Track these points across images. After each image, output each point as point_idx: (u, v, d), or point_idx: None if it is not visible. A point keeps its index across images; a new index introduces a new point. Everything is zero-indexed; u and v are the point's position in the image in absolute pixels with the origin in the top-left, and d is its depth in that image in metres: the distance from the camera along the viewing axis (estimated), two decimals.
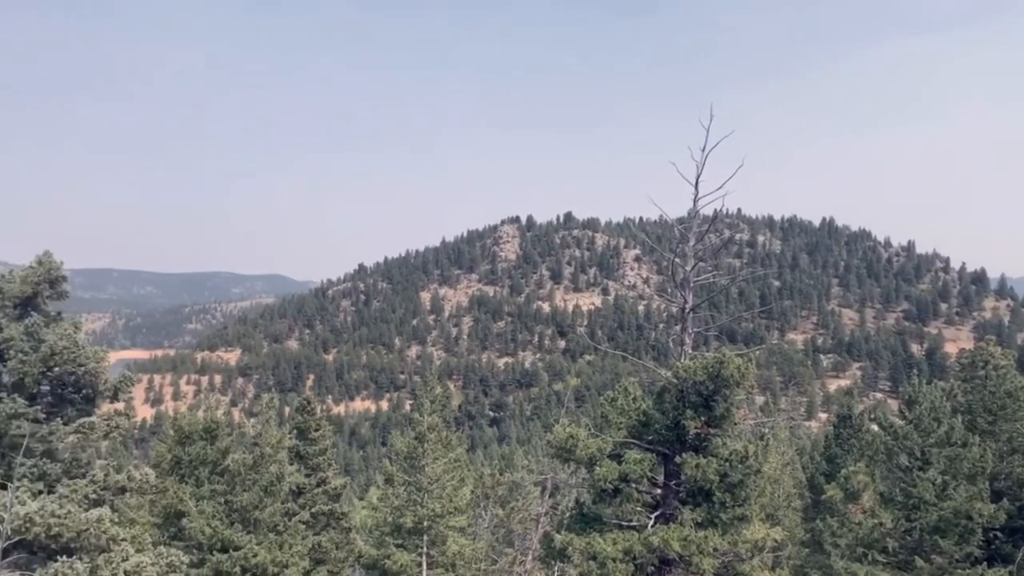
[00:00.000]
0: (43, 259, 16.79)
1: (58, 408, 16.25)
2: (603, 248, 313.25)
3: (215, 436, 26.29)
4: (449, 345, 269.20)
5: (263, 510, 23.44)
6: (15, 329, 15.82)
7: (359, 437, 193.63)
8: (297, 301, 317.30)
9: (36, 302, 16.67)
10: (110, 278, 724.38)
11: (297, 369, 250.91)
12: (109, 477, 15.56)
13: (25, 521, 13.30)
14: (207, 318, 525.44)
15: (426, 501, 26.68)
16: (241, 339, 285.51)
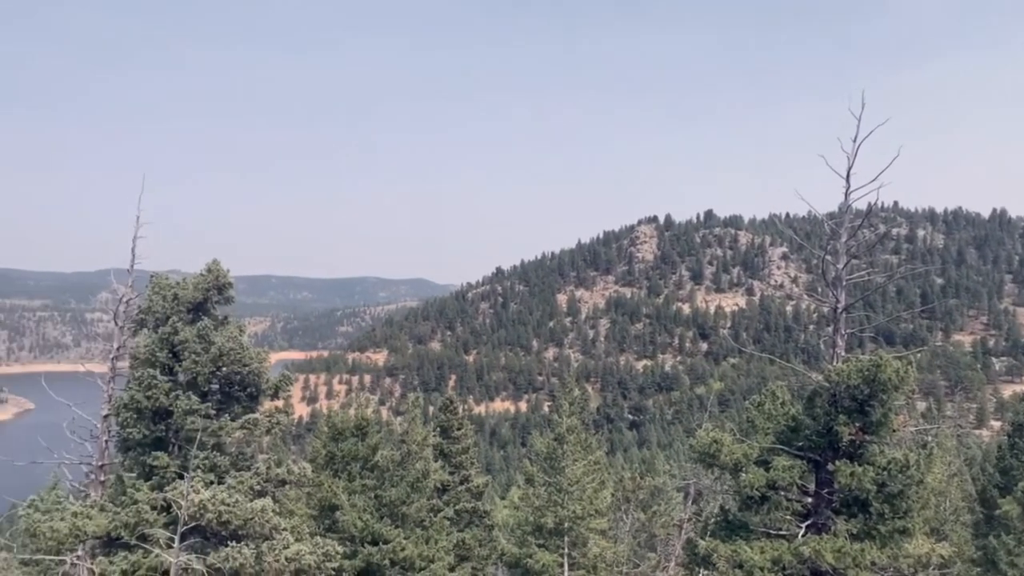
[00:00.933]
0: (212, 267, 18.23)
1: (226, 405, 17.59)
2: (747, 246, 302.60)
3: (365, 433, 27.54)
4: (586, 347, 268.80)
5: (410, 505, 24.33)
6: (189, 332, 17.27)
7: (499, 437, 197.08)
8: (439, 304, 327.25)
9: (206, 307, 18.12)
10: (270, 284, 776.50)
11: (440, 370, 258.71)
12: (271, 470, 16.67)
13: (199, 508, 14.48)
14: (357, 321, 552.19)
15: (566, 502, 26.77)
16: (388, 341, 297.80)
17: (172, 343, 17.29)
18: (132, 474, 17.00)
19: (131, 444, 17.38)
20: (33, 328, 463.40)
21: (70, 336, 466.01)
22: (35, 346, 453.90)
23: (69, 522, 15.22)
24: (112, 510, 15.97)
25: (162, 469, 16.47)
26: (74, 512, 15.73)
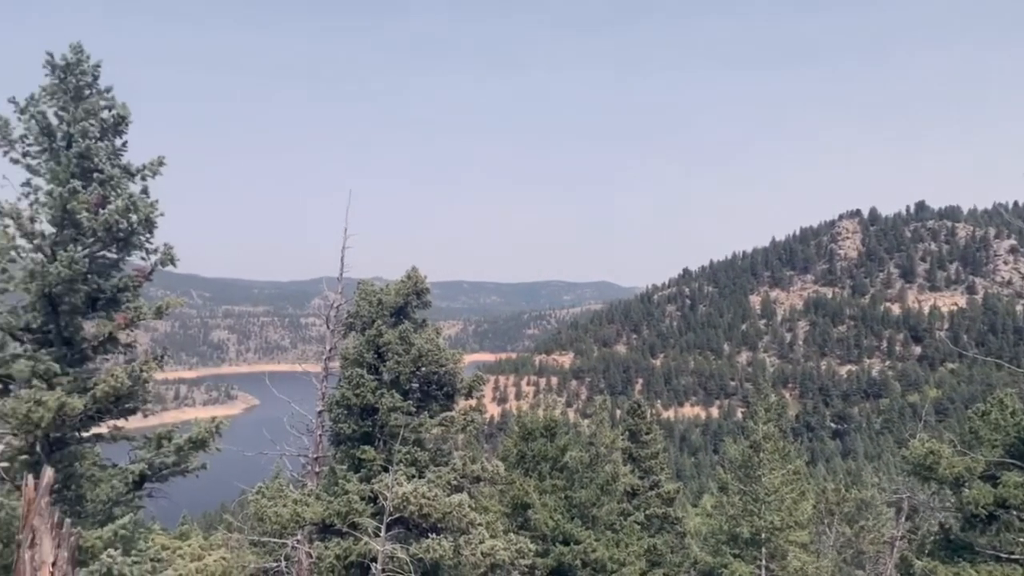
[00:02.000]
0: (411, 274, 19.29)
1: (425, 403, 18.51)
2: (966, 240, 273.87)
3: (554, 434, 27.91)
4: (783, 351, 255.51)
5: (600, 508, 24.32)
6: (392, 334, 18.37)
7: (689, 443, 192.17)
8: (624, 307, 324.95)
9: (406, 311, 19.19)
10: (461, 289, 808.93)
11: (626, 373, 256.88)
12: (466, 467, 17.31)
13: (402, 500, 15.34)
14: (543, 324, 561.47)
15: (763, 512, 25.57)
16: (573, 343, 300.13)
17: (377, 345, 18.47)
18: (343, 466, 18.33)
19: (342, 438, 18.76)
20: (257, 332, 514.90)
21: (288, 339, 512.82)
22: (259, 348, 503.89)
23: (290, 508, 16.67)
24: (326, 499, 17.30)
25: (369, 462, 17.62)
26: (294, 500, 17.21)
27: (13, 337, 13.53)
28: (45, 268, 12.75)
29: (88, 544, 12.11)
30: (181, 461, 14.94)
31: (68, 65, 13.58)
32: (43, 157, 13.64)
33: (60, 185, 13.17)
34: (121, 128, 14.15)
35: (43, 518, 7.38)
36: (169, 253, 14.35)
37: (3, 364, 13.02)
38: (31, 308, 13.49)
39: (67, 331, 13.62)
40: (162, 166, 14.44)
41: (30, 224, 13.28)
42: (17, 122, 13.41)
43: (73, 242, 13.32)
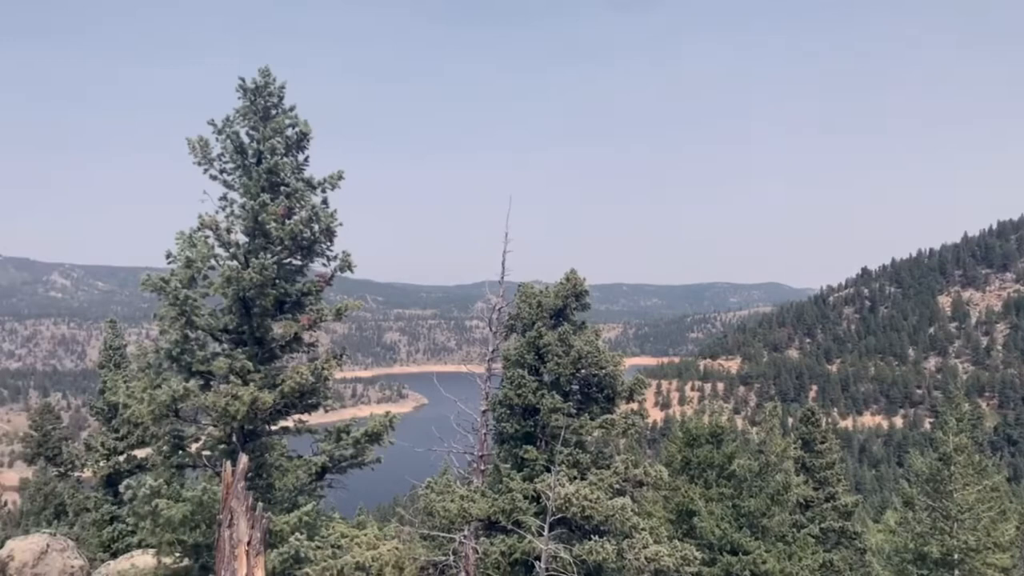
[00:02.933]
0: (570, 276, 19.40)
1: (585, 405, 18.54)
2: None
3: (720, 441, 27.04)
4: (978, 357, 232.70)
5: (770, 518, 23.29)
6: (551, 336, 18.55)
7: (870, 454, 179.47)
8: (796, 309, 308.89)
9: (566, 313, 19.32)
10: (620, 292, 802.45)
11: (799, 379, 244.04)
12: (628, 470, 17.15)
13: (564, 501, 15.44)
14: (707, 327, 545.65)
15: (956, 531, 23.43)
16: (740, 348, 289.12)
17: (538, 346, 18.73)
18: (507, 465, 18.73)
19: (505, 437, 19.18)
20: (425, 334, 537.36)
21: (454, 341, 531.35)
22: (427, 349, 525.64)
23: (457, 504, 17.25)
24: (491, 496, 17.74)
25: (532, 462, 17.88)
26: (461, 496, 17.78)
27: (213, 337, 14.96)
28: (240, 274, 13.98)
29: (277, 528, 13.15)
30: (358, 454, 15.87)
31: (257, 88, 14.85)
32: (237, 173, 14.98)
33: (252, 198, 14.42)
34: (303, 144, 15.28)
35: (240, 501, 8.10)
36: (347, 260, 15.28)
37: (205, 362, 14.42)
38: (228, 311, 14.85)
39: (258, 332, 14.86)
40: (340, 179, 15.43)
41: (227, 234, 14.63)
42: (215, 142, 14.83)
43: (263, 250, 14.53)
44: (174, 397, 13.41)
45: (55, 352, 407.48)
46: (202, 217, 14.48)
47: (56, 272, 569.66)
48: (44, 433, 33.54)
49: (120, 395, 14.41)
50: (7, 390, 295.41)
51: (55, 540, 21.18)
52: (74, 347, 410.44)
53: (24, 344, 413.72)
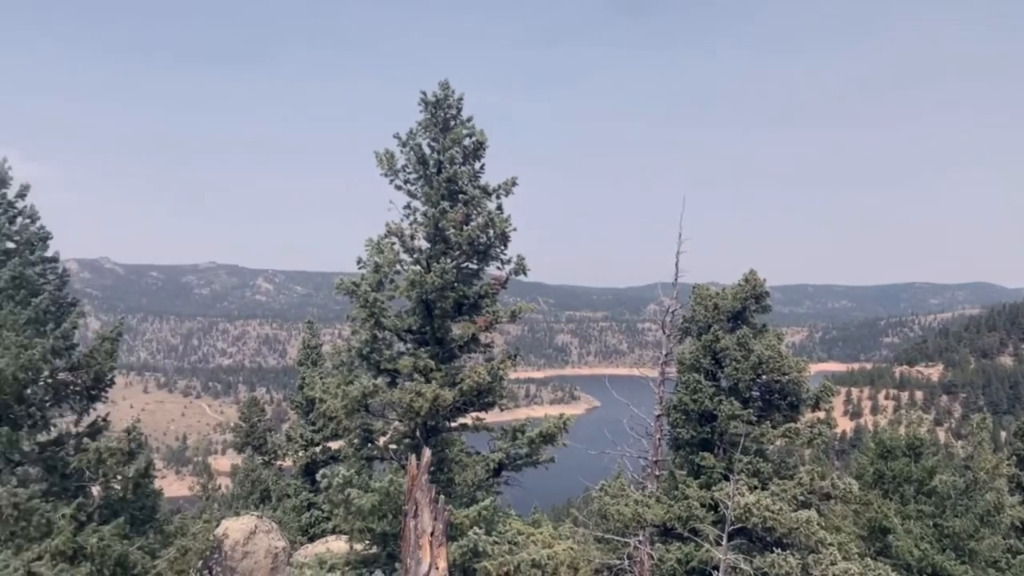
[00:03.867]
0: (749, 277, 18.69)
1: (767, 412, 17.77)
2: None
3: (919, 454, 24.93)
4: None
5: (980, 541, 21.16)
6: (729, 340, 17.96)
7: None
8: (1009, 311, 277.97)
9: (744, 315, 18.62)
10: (805, 293, 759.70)
11: (1013, 389, 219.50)
12: (814, 482, 16.24)
13: (744, 511, 14.88)
14: (903, 331, 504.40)
15: None
16: (943, 353, 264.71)
17: (714, 350, 18.20)
18: (683, 471, 18.34)
19: (681, 443, 18.79)
20: (597, 336, 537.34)
21: (625, 343, 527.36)
22: (599, 352, 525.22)
23: (632, 508, 17.12)
24: (666, 502, 17.45)
25: (709, 469, 17.40)
26: (635, 500, 17.63)
27: (399, 337, 15.83)
28: (422, 278, 14.71)
29: (457, 521, 13.69)
30: (533, 453, 16.17)
31: (438, 101, 15.56)
32: (419, 183, 15.78)
33: (433, 206, 15.13)
34: (480, 153, 15.81)
35: (423, 493, 8.53)
36: (521, 263, 15.64)
37: (392, 360, 15.29)
38: (412, 312, 15.66)
39: (439, 332, 15.56)
40: (514, 185, 15.82)
41: (411, 241, 15.44)
42: (400, 154, 15.70)
43: (443, 255, 15.20)
44: (364, 393, 14.32)
45: (260, 350, 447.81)
46: (389, 225, 15.36)
47: (261, 277, 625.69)
48: (251, 424, 36.91)
49: (316, 390, 15.60)
50: (220, 384, 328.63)
51: (262, 522, 23.28)
52: (276, 346, 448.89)
53: (234, 343, 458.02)
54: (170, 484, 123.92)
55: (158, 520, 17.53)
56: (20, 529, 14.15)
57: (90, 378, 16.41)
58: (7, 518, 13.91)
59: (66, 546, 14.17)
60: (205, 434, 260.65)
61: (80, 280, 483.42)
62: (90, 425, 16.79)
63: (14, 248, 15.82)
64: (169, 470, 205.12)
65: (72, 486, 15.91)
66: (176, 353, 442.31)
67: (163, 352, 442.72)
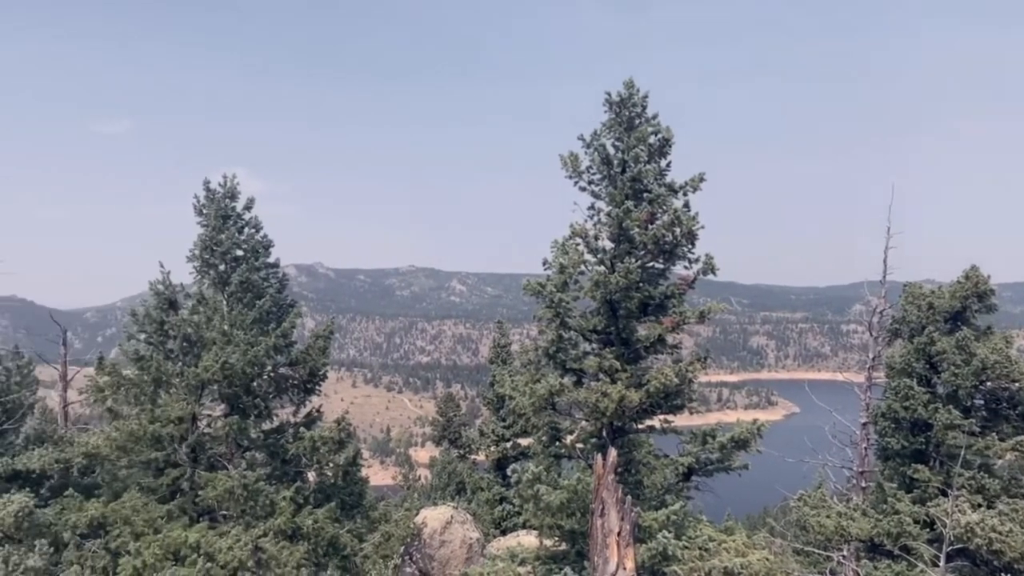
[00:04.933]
0: (970, 274, 16.93)
1: (992, 423, 16.01)
2: None
3: None
4: None
5: None
6: (946, 342, 16.37)
7: None
8: None
9: (965, 316, 16.90)
10: None
11: None
12: None
13: (965, 530, 13.50)
14: None
15: None
16: None
17: (929, 354, 16.69)
18: (892, 484, 16.97)
19: (890, 453, 17.39)
20: (795, 338, 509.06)
21: (828, 346, 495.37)
22: (797, 355, 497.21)
23: (834, 521, 16.08)
24: (874, 516, 16.22)
25: (923, 483, 15.98)
26: (838, 512, 16.54)
27: (584, 337, 15.96)
28: (606, 278, 14.72)
29: (646, 524, 13.56)
30: (724, 458, 15.67)
31: (622, 101, 15.51)
32: (603, 184, 15.81)
33: (617, 206, 15.10)
34: (665, 150, 15.58)
35: (610, 492, 8.54)
36: (710, 262, 15.22)
37: (577, 360, 15.45)
38: (596, 313, 15.72)
39: (624, 332, 15.49)
40: (702, 182, 15.43)
41: (595, 241, 15.51)
42: (583, 156, 15.83)
43: (628, 255, 15.12)
44: (551, 391, 14.58)
45: (455, 348, 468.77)
46: (573, 226, 15.53)
47: (455, 279, 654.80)
48: (447, 419, 38.73)
49: (506, 388, 16.09)
50: (420, 380, 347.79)
51: (457, 513, 24.37)
52: (469, 344, 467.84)
53: (432, 341, 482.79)
54: (375, 473, 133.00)
55: (364, 506, 18.85)
56: (248, 508, 15.79)
57: (306, 373, 17.98)
58: (238, 497, 15.57)
59: (286, 525, 15.62)
60: (406, 427, 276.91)
61: (297, 283, 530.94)
62: (306, 416, 18.39)
63: (242, 255, 17.68)
64: (374, 460, 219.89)
65: (291, 471, 17.52)
66: (381, 351, 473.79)
67: (369, 349, 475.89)
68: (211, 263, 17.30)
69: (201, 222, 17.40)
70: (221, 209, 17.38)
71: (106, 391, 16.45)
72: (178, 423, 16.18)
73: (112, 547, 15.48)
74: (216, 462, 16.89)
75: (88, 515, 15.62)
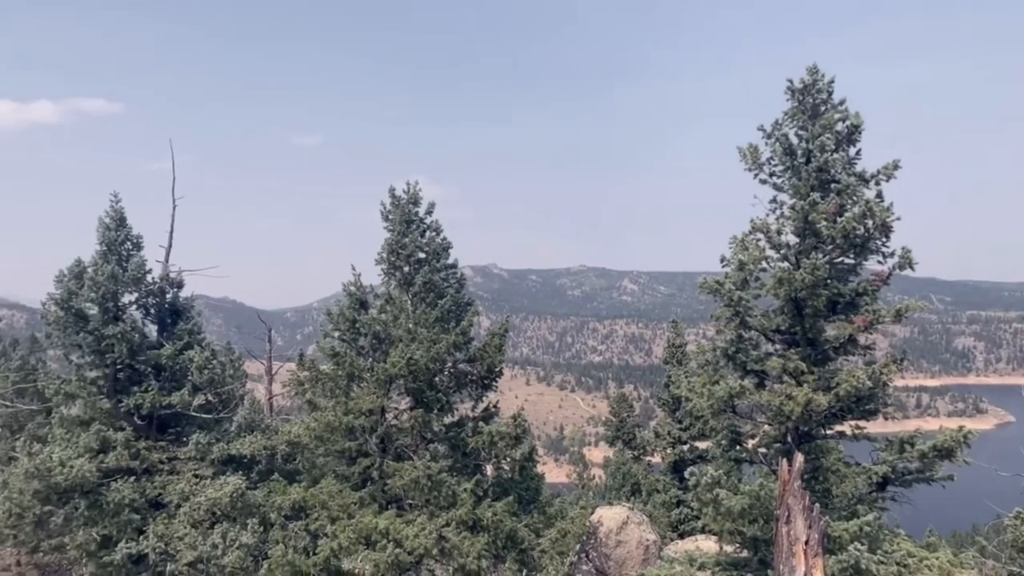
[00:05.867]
0: None
1: None
2: None
3: None
4: None
5: None
6: None
7: None
8: None
9: None
10: None
11: None
12: None
13: None
14: None
15: None
16: None
17: None
18: None
19: None
20: (1009, 340, 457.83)
21: None
22: (1012, 358, 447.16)
23: None
24: None
25: None
26: None
27: (766, 337, 15.30)
28: (791, 275, 14.02)
29: (836, 534, 12.77)
30: (925, 469, 14.45)
31: (805, 87, 14.73)
32: (786, 175, 15.07)
33: (801, 198, 14.35)
34: (855, 137, 14.62)
35: (796, 499, 8.13)
36: (907, 256, 14.12)
37: (759, 361, 14.84)
38: (779, 312, 15.02)
39: (811, 332, 14.68)
40: (896, 169, 14.35)
41: (777, 236, 14.83)
42: (764, 147, 15.18)
43: (814, 250, 14.31)
44: (730, 393, 14.11)
45: (627, 348, 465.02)
46: (753, 221, 14.94)
47: (626, 279, 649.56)
48: (621, 419, 38.49)
49: (682, 389, 15.76)
50: (592, 380, 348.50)
51: (633, 514, 24.17)
52: (641, 344, 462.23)
53: (603, 341, 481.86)
54: (550, 470, 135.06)
55: (541, 502, 19.17)
56: (432, 498, 16.55)
57: (483, 369, 18.58)
58: (423, 487, 16.37)
59: (467, 516, 16.21)
60: (579, 426, 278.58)
61: (473, 284, 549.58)
62: (483, 411, 18.99)
63: (424, 257, 18.56)
64: (548, 457, 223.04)
65: (471, 464, 18.16)
66: (552, 349, 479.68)
67: (542, 348, 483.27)
68: (397, 265, 18.29)
69: (387, 227, 18.44)
70: (405, 214, 18.34)
71: (306, 385, 17.89)
72: (368, 415, 17.26)
73: (311, 529, 16.78)
74: (402, 453, 17.85)
75: (291, 498, 17.04)
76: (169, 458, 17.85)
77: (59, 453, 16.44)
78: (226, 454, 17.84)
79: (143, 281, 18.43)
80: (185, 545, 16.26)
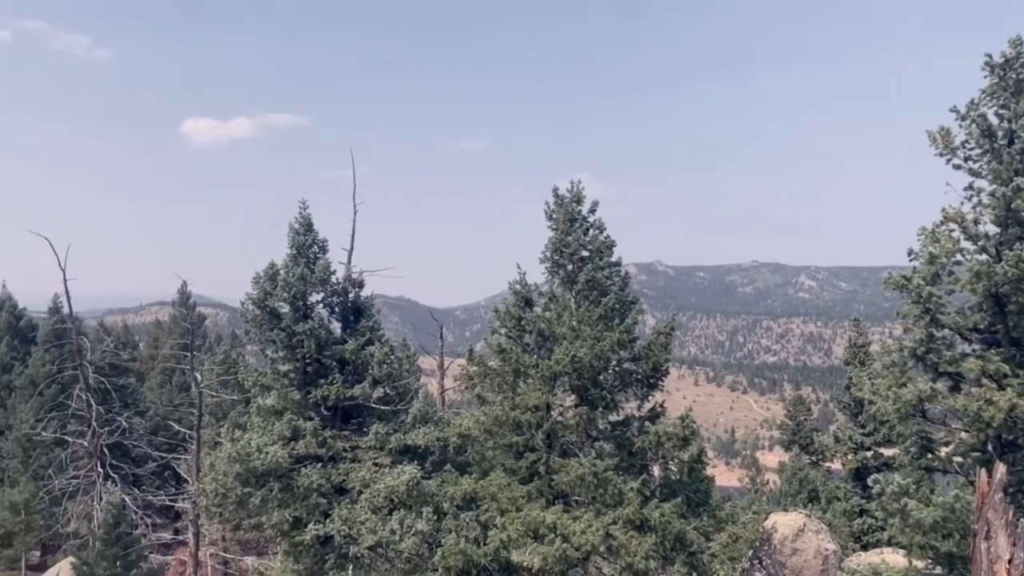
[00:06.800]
0: None
1: None
2: None
3: None
4: None
5: None
6: None
7: None
8: None
9: None
10: None
11: None
12: None
13: None
14: None
15: None
16: None
17: None
18: None
19: None
20: None
21: None
22: None
23: None
24: None
25: None
26: None
27: (962, 336, 14.02)
28: (991, 268, 12.78)
29: None
30: None
31: (1007, 61, 13.35)
32: (984, 159, 13.74)
33: (1003, 184, 13.02)
34: None
35: (997, 513, 7.41)
36: None
37: (953, 362, 13.62)
38: (978, 308, 13.72)
39: (1015, 332, 13.29)
40: None
41: (974, 226, 13.55)
42: (958, 129, 13.91)
43: (1019, 240, 12.95)
44: (920, 397, 13.07)
45: (804, 348, 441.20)
46: (945, 210, 13.76)
47: (803, 274, 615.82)
48: (797, 423, 36.64)
49: (865, 392, 14.76)
50: (766, 381, 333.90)
51: (810, 521, 22.96)
52: (820, 344, 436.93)
53: (778, 340, 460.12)
54: (721, 474, 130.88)
55: (711, 505, 18.66)
56: (598, 495, 16.59)
57: (649, 368, 18.36)
58: (589, 484, 16.44)
59: (634, 516, 16.10)
60: (752, 429, 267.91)
61: (637, 282, 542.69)
62: (650, 410, 18.76)
63: (588, 255, 18.61)
64: (719, 460, 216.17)
65: (637, 463, 18.01)
66: (723, 349, 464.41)
67: (711, 348, 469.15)
68: (560, 263, 18.47)
69: (551, 226, 18.67)
70: (568, 213, 18.48)
71: (475, 379, 18.51)
72: (534, 411, 17.57)
73: (482, 520, 17.33)
74: (568, 449, 18.02)
75: (462, 489, 17.69)
76: (352, 447, 19.06)
77: (257, 440, 18.05)
78: (402, 444, 18.79)
79: (328, 282, 19.80)
80: (366, 529, 17.32)
